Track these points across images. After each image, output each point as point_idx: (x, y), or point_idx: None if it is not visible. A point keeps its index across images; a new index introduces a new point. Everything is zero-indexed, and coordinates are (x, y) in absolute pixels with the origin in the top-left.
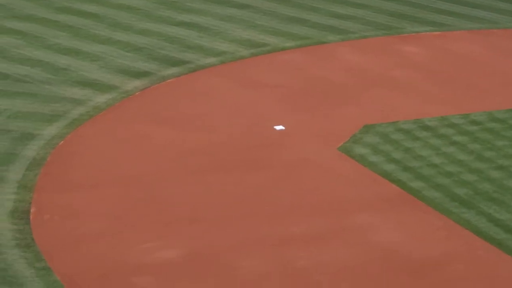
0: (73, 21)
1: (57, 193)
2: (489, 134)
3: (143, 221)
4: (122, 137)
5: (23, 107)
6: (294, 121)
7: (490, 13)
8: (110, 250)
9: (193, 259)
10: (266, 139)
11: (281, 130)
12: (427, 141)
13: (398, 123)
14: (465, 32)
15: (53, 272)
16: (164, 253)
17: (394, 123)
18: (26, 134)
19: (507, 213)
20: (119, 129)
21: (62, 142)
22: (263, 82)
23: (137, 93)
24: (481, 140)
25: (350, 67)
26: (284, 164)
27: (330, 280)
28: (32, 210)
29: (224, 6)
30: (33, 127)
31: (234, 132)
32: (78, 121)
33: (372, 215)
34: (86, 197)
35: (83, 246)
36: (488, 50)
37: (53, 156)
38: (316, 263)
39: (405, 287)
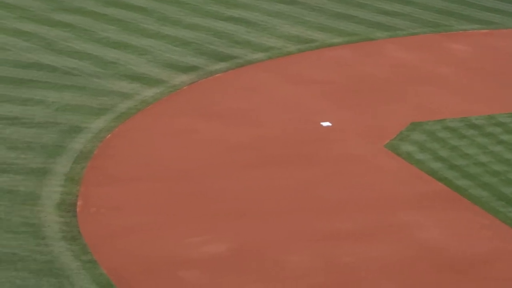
0: (122, 14)
1: (104, 186)
2: None
3: (190, 215)
4: (169, 131)
5: (71, 100)
6: (341, 117)
7: None
8: (156, 244)
9: (240, 254)
10: (313, 135)
11: (328, 126)
12: (474, 140)
13: (445, 121)
14: None
15: (99, 265)
16: (210, 247)
17: (441, 121)
18: (74, 127)
19: None
20: (166, 123)
21: (109, 135)
22: (310, 78)
23: (184, 88)
24: None
25: (397, 64)
26: (331, 160)
27: (375, 277)
28: (79, 203)
29: (272, 1)
30: (81, 120)
31: (281, 128)
32: (125, 115)
33: (418, 213)
34: (132, 191)
35: (129, 239)
36: None
37: (100, 149)
38: (361, 259)
39: (449, 286)
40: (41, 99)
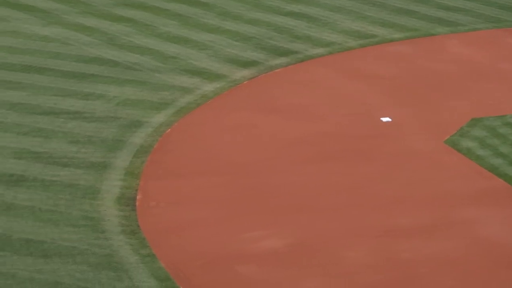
0: (183, 9)
1: (163, 180)
2: None
3: (248, 210)
4: (229, 125)
5: (132, 95)
6: (401, 113)
7: None
8: (214, 238)
9: (298, 249)
10: (373, 130)
11: (387, 121)
12: None
13: (505, 117)
14: None
15: (157, 259)
16: (268, 242)
17: (501, 117)
18: (135, 122)
19: None
20: (226, 118)
21: (169, 130)
22: (371, 73)
23: (244, 82)
24: None
25: (458, 60)
26: (390, 156)
27: (434, 273)
28: (138, 197)
29: None
30: (141, 115)
31: (341, 123)
32: (185, 109)
33: (478, 209)
34: (192, 185)
35: (188, 233)
36: None
37: (160, 144)
38: (420, 256)
39: (510, 283)
40: (102, 94)
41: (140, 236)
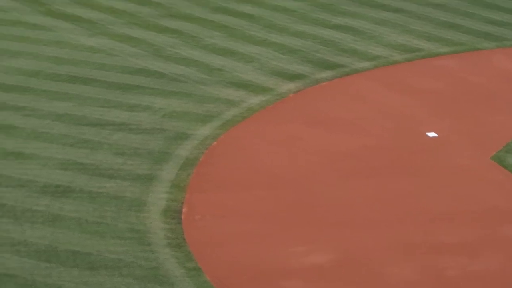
0: (228, 21)
1: (209, 193)
2: None
3: (293, 224)
4: (274, 139)
5: (178, 107)
6: (446, 128)
7: None
8: (260, 252)
9: (343, 264)
10: (418, 145)
11: (433, 137)
12: None
13: None
14: None
15: (203, 272)
16: (313, 257)
17: None
18: (180, 134)
19: None
20: (272, 131)
21: (215, 142)
22: (417, 88)
23: (290, 95)
24: None
25: (505, 75)
26: (436, 171)
27: None
28: (184, 209)
29: (379, 9)
30: (187, 127)
31: (386, 137)
32: (231, 122)
33: None
34: (237, 198)
35: (234, 247)
36: None
37: (206, 156)
38: (466, 273)
39: None
40: (148, 106)
41: (185, 249)
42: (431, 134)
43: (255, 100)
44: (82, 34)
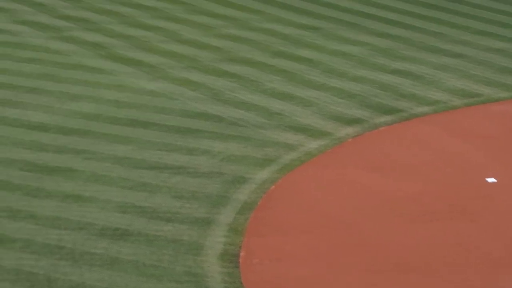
0: (288, 65)
1: (267, 237)
2: None
3: (351, 268)
4: (332, 183)
5: (236, 151)
6: (506, 173)
7: None
8: None
9: None
10: (478, 190)
11: (492, 182)
12: None
13: None
14: None
15: None
16: None
17: None
18: (238, 178)
19: None
20: (330, 175)
21: (273, 186)
22: (476, 132)
23: (349, 140)
24: None
25: None
26: (496, 216)
27: None
28: (241, 253)
29: (439, 54)
30: (245, 171)
31: (444, 182)
32: (289, 166)
33: None
34: (295, 242)
35: None
36: None
37: (264, 200)
38: None
39: None
40: (206, 149)
41: None
42: (491, 180)
43: (313, 144)
44: (142, 78)
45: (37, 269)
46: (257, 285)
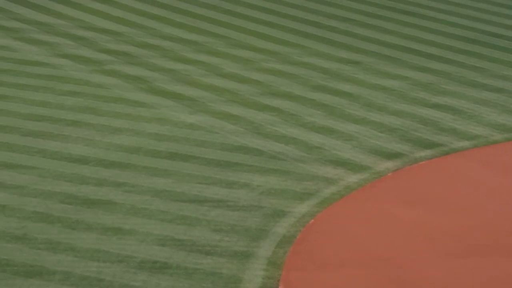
0: (328, 99)
1: (305, 271)
2: None
3: None
4: (372, 217)
5: (276, 184)
6: None
7: None
8: None
9: None
10: None
11: None
12: None
13: None
14: None
15: None
16: None
17: None
18: (278, 211)
19: None
20: (370, 210)
21: (312, 220)
22: None
23: (389, 174)
24: None
25: None
26: None
27: None
28: (280, 287)
29: (479, 89)
30: (284, 204)
31: (486, 217)
32: (329, 200)
33: None
34: (334, 277)
35: None
36: None
37: (303, 234)
38: None
39: None
40: (246, 183)
41: None
42: None
43: (353, 178)
44: (183, 111)
45: None
46: None
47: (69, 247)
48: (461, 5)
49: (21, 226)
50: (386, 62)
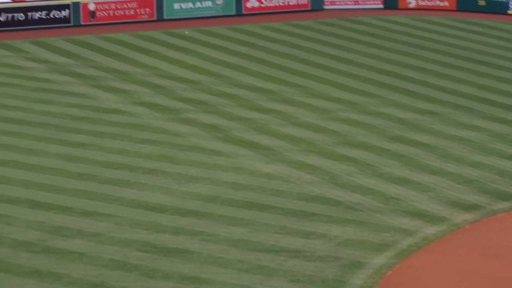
0: (405, 150)
1: None
2: None
3: None
4: (450, 270)
5: (353, 235)
6: None
7: None
8: None
9: None
10: None
11: None
12: None
13: None
14: None
15: None
16: None
17: None
18: (355, 262)
19: None
20: (448, 263)
21: (390, 272)
22: None
23: (466, 226)
24: None
25: None
26: None
27: None
28: None
29: None
30: (362, 255)
31: None
32: (406, 252)
33: None
34: None
35: None
36: None
37: (380, 286)
38: None
39: None
40: (323, 233)
41: None
42: None
43: (431, 230)
44: (259, 161)
45: None
46: None
47: None
48: None
49: (98, 273)
50: (462, 113)
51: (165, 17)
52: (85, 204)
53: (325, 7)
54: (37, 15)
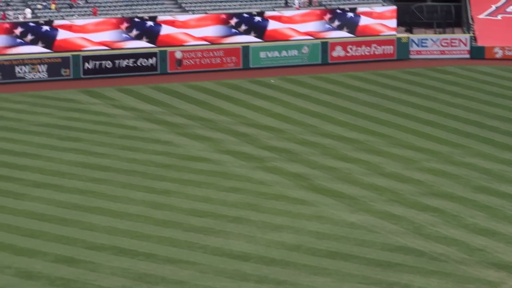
0: (490, 201)
1: None
2: None
3: None
4: None
5: (437, 286)
6: None
7: None
8: None
9: None
10: None
11: None
12: None
13: None
14: None
15: None
16: None
17: None
18: None
19: None
20: None
21: None
22: None
23: None
24: None
25: None
26: None
27: None
28: None
29: None
30: None
31: None
32: None
33: None
34: None
35: None
36: None
37: None
38: None
39: None
40: (407, 284)
41: None
42: None
43: None
44: (344, 210)
45: None
46: None
47: None
48: None
49: None
50: None
51: (251, 66)
52: (169, 251)
53: (411, 56)
54: (124, 62)
